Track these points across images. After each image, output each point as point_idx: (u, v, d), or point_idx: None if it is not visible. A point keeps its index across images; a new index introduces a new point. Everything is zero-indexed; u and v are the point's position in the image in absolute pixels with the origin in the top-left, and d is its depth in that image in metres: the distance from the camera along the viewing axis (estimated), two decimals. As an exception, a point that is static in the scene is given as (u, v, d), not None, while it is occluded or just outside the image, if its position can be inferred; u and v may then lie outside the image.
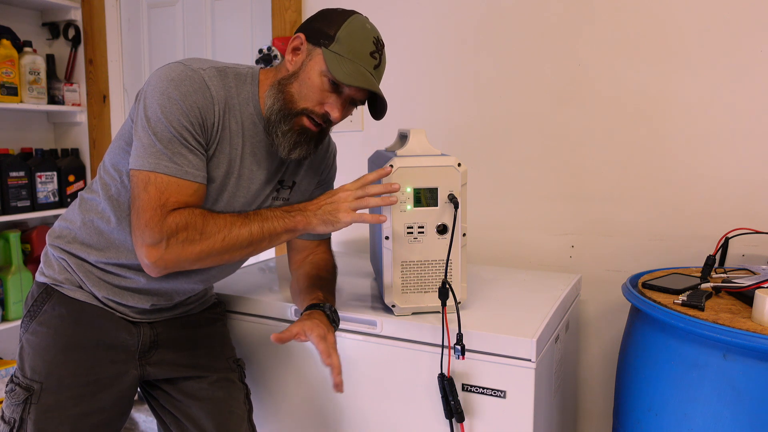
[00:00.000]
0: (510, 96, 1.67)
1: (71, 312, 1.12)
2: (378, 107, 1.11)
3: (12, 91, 2.16)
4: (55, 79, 2.36)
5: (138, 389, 1.20)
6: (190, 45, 2.29)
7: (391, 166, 1.08)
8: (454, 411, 1.06)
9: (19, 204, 2.18)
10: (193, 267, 1.05)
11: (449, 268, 1.12)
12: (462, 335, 1.04)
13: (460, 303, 1.11)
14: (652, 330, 1.13)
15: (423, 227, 1.12)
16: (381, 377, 1.17)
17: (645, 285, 1.21)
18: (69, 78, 2.43)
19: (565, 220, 1.64)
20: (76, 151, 2.43)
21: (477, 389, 1.08)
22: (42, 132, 2.48)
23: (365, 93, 1.08)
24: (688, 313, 1.03)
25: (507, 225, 1.71)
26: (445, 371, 1.08)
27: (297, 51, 1.09)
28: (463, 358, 1.04)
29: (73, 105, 2.39)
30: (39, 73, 2.26)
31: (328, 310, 1.11)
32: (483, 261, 1.72)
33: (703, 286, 1.16)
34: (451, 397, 1.06)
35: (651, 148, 1.52)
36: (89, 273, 1.13)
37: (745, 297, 1.09)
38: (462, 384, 1.09)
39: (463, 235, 1.13)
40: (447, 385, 1.07)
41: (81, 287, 1.13)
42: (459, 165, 1.10)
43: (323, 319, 1.08)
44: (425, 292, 1.14)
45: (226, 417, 1.18)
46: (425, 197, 1.11)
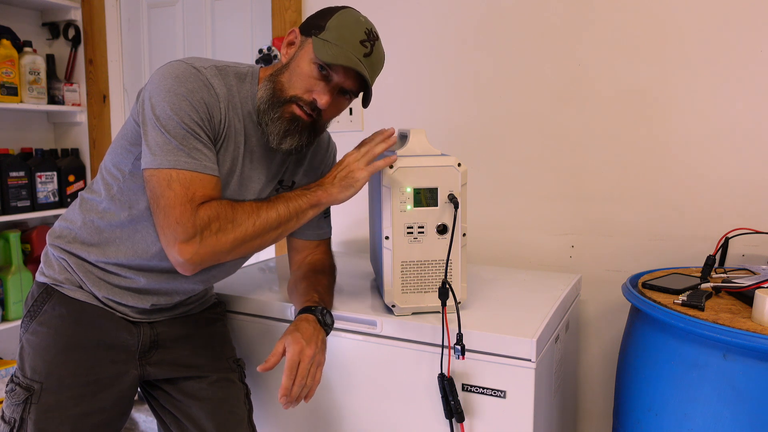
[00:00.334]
0: (510, 96, 1.67)
1: (71, 312, 1.12)
2: (367, 94, 1.11)
3: (12, 91, 2.16)
4: (55, 79, 2.36)
5: (138, 389, 1.20)
6: (190, 45, 2.29)
7: (391, 167, 1.09)
8: (454, 411, 1.06)
9: (19, 204, 2.18)
10: (227, 258, 1.05)
11: (449, 268, 1.12)
12: (462, 335, 1.04)
13: (460, 303, 1.11)
14: (652, 330, 1.13)
15: (423, 227, 1.12)
16: (381, 377, 1.17)
17: (645, 285, 1.21)
18: (69, 78, 2.43)
19: (565, 220, 1.64)
20: (76, 151, 2.43)
21: (477, 389, 1.08)
22: (42, 132, 2.48)
23: (355, 82, 1.08)
24: (688, 313, 1.03)
25: (507, 225, 1.71)
26: (445, 371, 1.08)
27: (291, 45, 1.10)
28: (463, 358, 1.04)
29: (73, 105, 2.39)
30: (39, 73, 2.26)
31: (319, 313, 1.10)
32: (483, 261, 1.72)
33: (703, 286, 1.16)
34: (451, 397, 1.06)
35: (651, 148, 1.52)
36: (89, 273, 1.13)
37: (745, 297, 1.09)
38: (462, 384, 1.09)
39: (463, 235, 1.13)
40: (447, 385, 1.07)
41: (81, 287, 1.13)
42: (459, 165, 1.10)
43: (310, 326, 1.06)
44: (425, 292, 1.14)
45: (226, 417, 1.18)
46: (425, 197, 1.11)
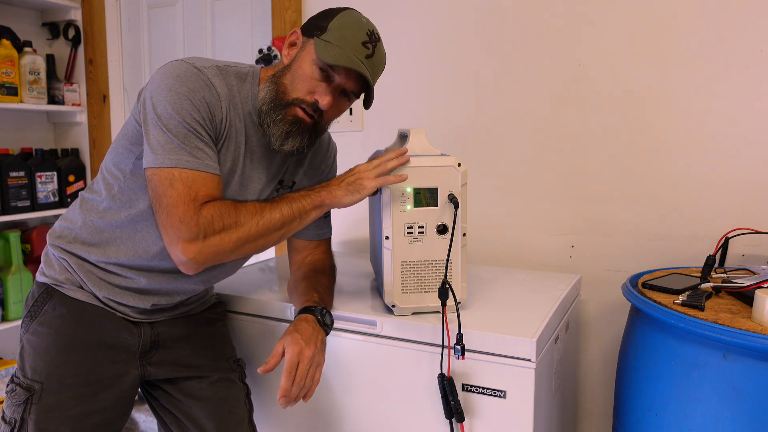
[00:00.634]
0: (510, 96, 1.67)
1: (72, 312, 1.12)
2: (369, 95, 1.11)
3: (12, 91, 2.16)
4: (55, 79, 2.36)
5: (138, 389, 1.20)
6: (190, 45, 2.29)
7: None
8: (454, 411, 1.06)
9: (19, 204, 2.18)
10: (230, 258, 1.04)
11: (449, 268, 1.12)
12: (462, 335, 1.04)
13: (460, 303, 1.11)
14: (652, 330, 1.13)
15: (423, 227, 1.12)
16: (381, 377, 1.17)
17: (645, 285, 1.21)
18: (69, 78, 2.43)
19: (565, 220, 1.64)
20: (76, 151, 2.43)
21: (477, 389, 1.08)
22: (42, 132, 2.48)
23: (357, 83, 1.08)
24: (688, 313, 1.03)
25: (507, 225, 1.71)
26: (445, 371, 1.08)
27: (293, 46, 1.10)
28: (463, 358, 1.05)
29: (73, 105, 2.39)
30: (39, 73, 2.26)
31: (319, 314, 1.10)
32: (483, 261, 1.72)
33: (703, 286, 1.16)
34: (451, 397, 1.06)
35: (651, 148, 1.52)
36: (90, 273, 1.13)
37: (745, 297, 1.09)
38: (462, 384, 1.09)
39: (463, 235, 1.13)
40: (447, 385, 1.07)
41: (82, 287, 1.13)
42: (459, 165, 1.10)
43: (309, 327, 1.06)
44: (425, 292, 1.14)
45: (226, 417, 1.18)
46: (425, 197, 1.11)
